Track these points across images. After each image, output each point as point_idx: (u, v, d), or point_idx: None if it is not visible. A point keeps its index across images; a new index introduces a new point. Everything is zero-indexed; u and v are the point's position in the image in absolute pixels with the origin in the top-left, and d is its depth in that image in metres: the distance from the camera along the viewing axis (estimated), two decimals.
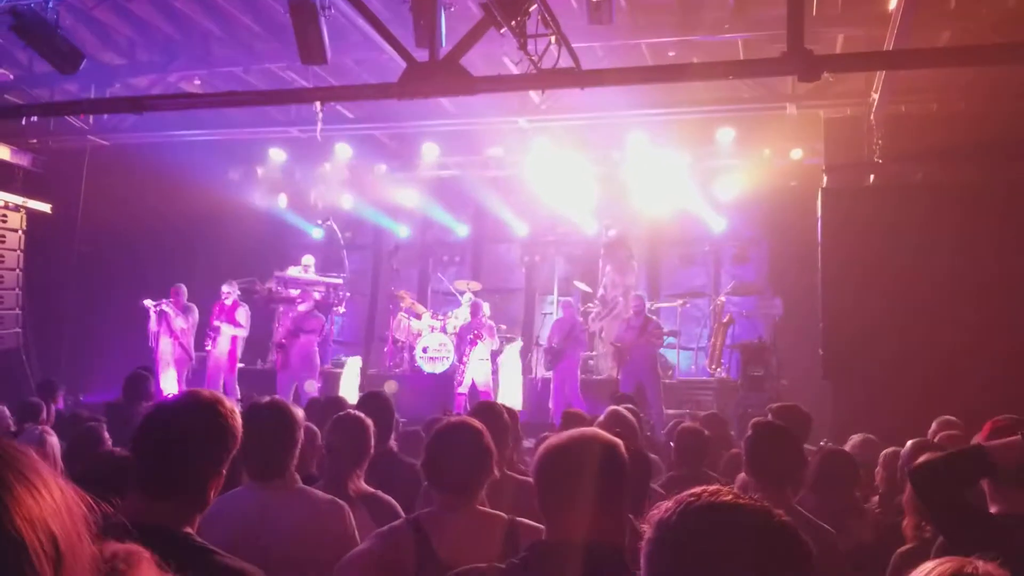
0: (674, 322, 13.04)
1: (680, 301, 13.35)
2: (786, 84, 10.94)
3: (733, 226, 14.30)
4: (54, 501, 0.85)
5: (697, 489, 1.42)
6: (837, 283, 9.93)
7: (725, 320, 12.82)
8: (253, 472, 3.17)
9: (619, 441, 2.18)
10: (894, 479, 4.64)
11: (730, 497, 1.40)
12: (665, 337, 12.01)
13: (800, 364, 11.31)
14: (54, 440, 4.35)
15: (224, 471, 2.28)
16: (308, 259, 13.76)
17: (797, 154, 12.74)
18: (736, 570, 1.34)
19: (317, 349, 11.75)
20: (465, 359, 11.68)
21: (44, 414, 6.02)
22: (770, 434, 3.70)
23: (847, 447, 5.49)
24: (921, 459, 2.95)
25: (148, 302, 11.64)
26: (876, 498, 4.82)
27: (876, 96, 9.73)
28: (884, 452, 4.97)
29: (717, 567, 1.34)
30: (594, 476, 2.07)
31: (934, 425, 5.41)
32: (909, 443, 4.55)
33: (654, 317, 11.72)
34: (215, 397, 2.32)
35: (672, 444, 5.69)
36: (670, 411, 11.02)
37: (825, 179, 11.03)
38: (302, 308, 11.75)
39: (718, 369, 12.67)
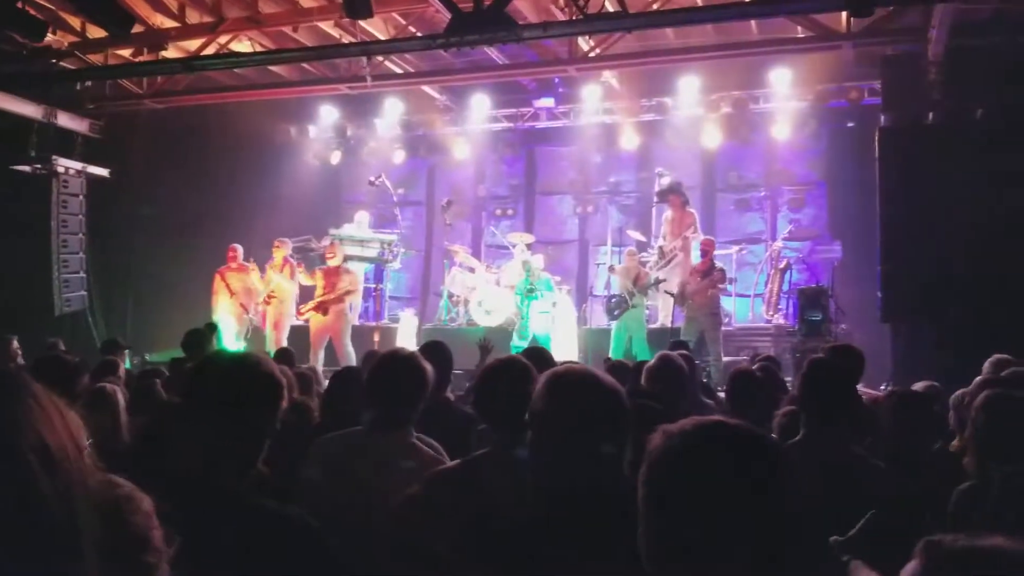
0: (730, 269, 12.89)
1: (736, 247, 13.20)
2: (842, 22, 10.63)
3: (790, 170, 14.09)
4: (48, 418, 0.94)
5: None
6: (896, 225, 9.70)
7: (782, 265, 12.64)
8: (375, 420, 3.25)
9: (613, 383, 2.19)
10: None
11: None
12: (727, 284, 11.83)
13: (860, 308, 11.13)
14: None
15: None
16: (362, 216, 13.86)
17: (854, 95, 12.44)
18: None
19: (350, 304, 11.82)
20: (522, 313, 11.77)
21: (120, 371, 6.20)
22: (824, 372, 3.66)
23: None
24: None
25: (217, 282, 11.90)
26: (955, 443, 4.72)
27: (934, 32, 9.41)
28: (954, 395, 4.83)
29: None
30: (588, 413, 2.09)
31: (987, 365, 5.28)
32: (975, 380, 4.48)
33: (719, 263, 11.60)
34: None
35: (727, 387, 5.65)
36: (728, 358, 10.95)
37: (883, 119, 10.75)
38: (332, 263, 11.79)
39: (775, 315, 12.53)
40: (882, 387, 8.88)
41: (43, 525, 0.90)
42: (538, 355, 4.94)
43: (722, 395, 7.34)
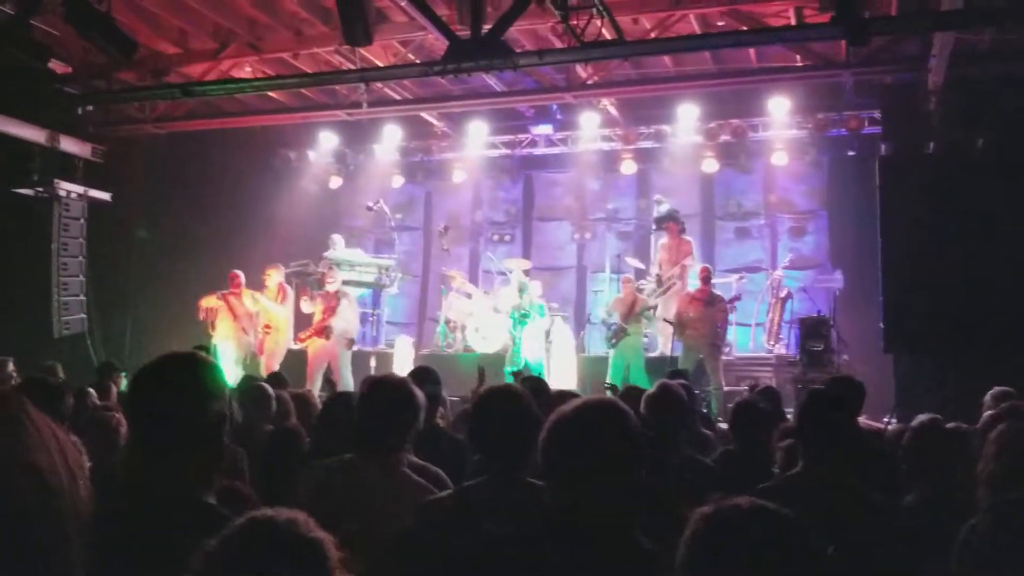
0: (729, 296, 12.85)
1: (736, 276, 13.13)
2: (841, 51, 10.65)
3: (790, 199, 14.09)
4: (43, 442, 0.92)
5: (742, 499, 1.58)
6: (898, 254, 9.62)
7: (783, 295, 12.58)
8: (366, 447, 3.21)
9: (627, 409, 2.14)
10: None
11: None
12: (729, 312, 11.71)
13: (862, 339, 11.05)
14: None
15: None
16: (336, 238, 13.82)
17: (854, 123, 12.46)
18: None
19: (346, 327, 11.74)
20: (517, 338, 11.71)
21: (94, 398, 6.11)
22: (822, 403, 3.61)
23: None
24: None
25: (209, 301, 11.80)
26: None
27: (934, 61, 9.42)
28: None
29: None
30: (598, 442, 2.03)
31: (988, 398, 5.23)
32: (986, 414, 4.43)
33: (718, 292, 11.54)
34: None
35: (730, 419, 5.55)
36: (728, 388, 10.86)
37: (883, 148, 10.76)
38: (330, 288, 11.76)
39: (776, 345, 12.45)
40: (885, 419, 8.81)
41: (31, 553, 0.87)
42: (534, 385, 4.90)
43: (722, 425, 7.28)
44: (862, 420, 6.52)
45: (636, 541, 2.02)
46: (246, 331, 11.84)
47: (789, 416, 6.80)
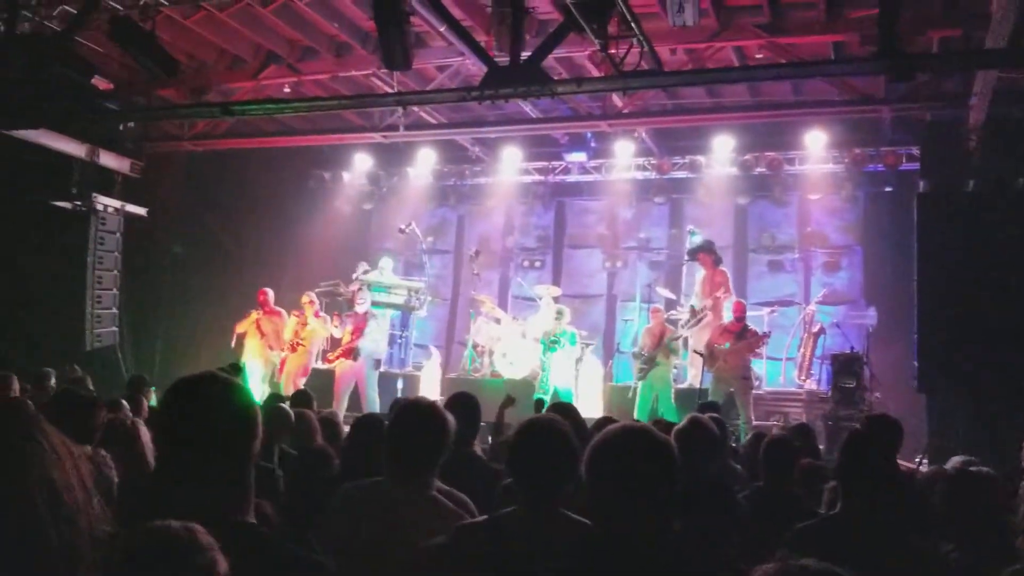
0: (762, 331, 12.72)
1: (768, 309, 13.00)
2: (880, 86, 10.59)
3: (824, 233, 13.97)
4: (58, 457, 0.92)
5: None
6: (934, 292, 9.47)
7: (815, 329, 12.44)
8: (395, 471, 3.18)
9: (665, 437, 2.14)
10: None
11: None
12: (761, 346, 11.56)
13: (895, 376, 10.90)
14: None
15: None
16: (386, 261, 13.89)
17: (891, 159, 12.36)
18: None
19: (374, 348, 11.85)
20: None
21: (127, 411, 6.13)
22: (865, 445, 3.54)
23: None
24: None
25: (243, 326, 11.96)
26: None
27: (975, 99, 9.33)
28: None
29: None
30: (639, 470, 2.02)
31: None
32: None
33: (752, 325, 11.44)
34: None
35: (762, 455, 5.44)
36: (757, 423, 10.73)
37: (921, 184, 10.64)
38: (359, 309, 11.84)
39: (807, 380, 12.30)
40: (917, 459, 8.66)
41: (45, 568, 0.86)
42: (565, 412, 4.85)
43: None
44: None
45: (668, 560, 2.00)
46: (272, 348, 11.93)
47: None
